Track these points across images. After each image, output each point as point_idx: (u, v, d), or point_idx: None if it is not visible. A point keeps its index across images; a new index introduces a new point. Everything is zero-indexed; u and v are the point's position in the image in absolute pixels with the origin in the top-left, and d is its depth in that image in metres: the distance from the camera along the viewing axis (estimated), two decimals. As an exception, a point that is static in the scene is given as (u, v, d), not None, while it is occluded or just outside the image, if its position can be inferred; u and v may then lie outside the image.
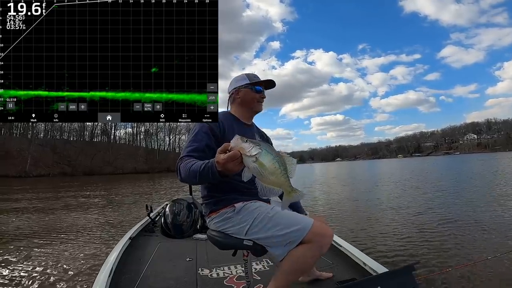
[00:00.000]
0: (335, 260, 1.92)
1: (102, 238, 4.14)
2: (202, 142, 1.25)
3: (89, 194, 10.70)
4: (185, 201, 3.03)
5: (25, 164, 38.43)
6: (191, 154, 1.20)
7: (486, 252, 3.02)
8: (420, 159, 72.08)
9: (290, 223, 1.16)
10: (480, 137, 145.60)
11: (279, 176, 0.92)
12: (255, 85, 1.44)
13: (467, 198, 6.73)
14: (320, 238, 1.16)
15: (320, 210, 6.26)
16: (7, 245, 3.84)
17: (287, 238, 1.15)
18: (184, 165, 1.13)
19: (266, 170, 0.90)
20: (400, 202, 6.75)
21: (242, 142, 0.91)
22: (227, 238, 1.25)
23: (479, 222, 4.34)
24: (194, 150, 1.22)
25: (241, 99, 1.44)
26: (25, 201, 9.56)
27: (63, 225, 5.24)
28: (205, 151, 1.23)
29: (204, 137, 1.26)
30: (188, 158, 1.17)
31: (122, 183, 19.73)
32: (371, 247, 3.40)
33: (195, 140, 1.25)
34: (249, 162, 0.90)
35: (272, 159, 0.91)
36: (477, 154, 73.75)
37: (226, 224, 1.26)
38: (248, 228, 1.21)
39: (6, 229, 4.97)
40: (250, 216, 1.22)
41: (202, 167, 1.03)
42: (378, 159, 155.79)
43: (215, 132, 1.28)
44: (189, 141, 1.28)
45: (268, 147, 0.92)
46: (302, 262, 1.16)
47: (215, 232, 1.29)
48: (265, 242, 1.19)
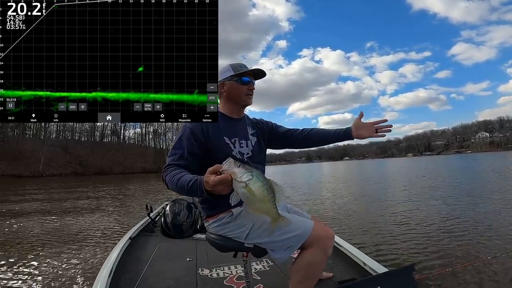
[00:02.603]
0: (335, 260, 1.92)
1: (102, 238, 4.15)
2: (184, 149, 1.19)
3: (96, 194, 10.76)
4: (185, 201, 3.03)
5: (39, 164, 39.35)
6: (175, 163, 1.15)
7: (486, 252, 2.99)
8: (431, 158, 70.82)
9: (290, 228, 1.13)
10: (492, 136, 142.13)
11: (266, 203, 0.93)
12: (240, 76, 1.29)
13: (467, 198, 6.64)
14: (323, 241, 1.16)
15: (320, 210, 6.22)
16: (9, 244, 3.89)
17: (287, 243, 1.14)
18: (170, 178, 1.08)
19: (255, 197, 0.90)
20: (400, 202, 6.69)
21: (234, 167, 0.90)
22: (227, 241, 1.24)
23: (479, 222, 4.31)
24: (178, 158, 1.17)
25: (227, 93, 1.32)
26: (34, 201, 9.72)
27: (64, 225, 5.25)
28: (188, 159, 1.18)
29: (185, 143, 1.20)
30: (172, 168, 1.13)
31: (131, 183, 19.95)
32: (371, 247, 3.39)
33: (178, 147, 1.20)
34: (238, 187, 0.90)
35: (262, 187, 0.91)
36: (490, 154, 71.95)
37: (225, 229, 1.24)
38: (248, 233, 1.19)
39: (9, 228, 5.04)
40: (249, 221, 1.20)
41: (190, 184, 0.99)
42: (387, 158, 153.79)
43: (197, 136, 1.22)
44: (172, 148, 1.22)
45: (259, 174, 0.92)
46: (312, 268, 1.16)
47: (214, 235, 1.28)
48: (265, 246, 1.19)
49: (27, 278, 2.65)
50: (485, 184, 9.20)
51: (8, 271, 2.84)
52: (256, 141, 1.38)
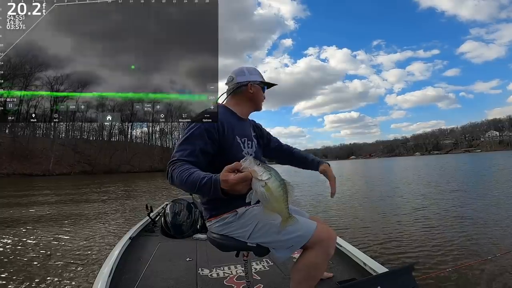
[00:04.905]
0: (335, 260, 1.92)
1: (102, 238, 4.16)
2: (196, 145, 1.14)
3: (103, 196, 10.71)
4: (185, 201, 3.02)
5: (49, 163, 40.10)
6: (185, 159, 1.10)
7: (486, 252, 2.98)
8: (440, 157, 69.84)
9: (293, 228, 1.12)
10: (502, 134, 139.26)
11: (281, 203, 0.92)
12: (266, 85, 1.43)
13: (467, 198, 6.58)
14: (325, 242, 1.17)
15: (321, 209, 6.19)
16: (9, 244, 3.89)
17: (290, 242, 1.15)
18: (179, 172, 1.03)
19: (272, 196, 0.89)
20: (400, 202, 6.66)
21: (254, 165, 0.89)
22: (230, 240, 1.23)
23: (478, 222, 4.29)
24: (188, 154, 1.12)
25: (254, 95, 1.37)
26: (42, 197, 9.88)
27: (64, 225, 5.26)
28: (199, 156, 1.14)
29: (198, 140, 1.15)
30: (181, 163, 1.07)
31: (138, 181, 20.14)
32: (371, 247, 3.39)
33: (189, 143, 1.15)
34: (258, 186, 0.88)
35: (279, 186, 0.90)
36: (500, 152, 70.43)
37: (228, 228, 1.24)
38: (251, 233, 1.19)
39: (8, 223, 5.09)
40: (253, 221, 1.20)
41: (204, 181, 0.94)
42: (394, 157, 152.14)
43: (212, 134, 1.18)
44: (181, 143, 1.15)
45: (276, 173, 0.91)
46: (313, 268, 1.17)
47: (216, 235, 1.27)
48: (268, 245, 1.19)
49: (27, 277, 2.66)
50: (486, 184, 9.08)
51: (8, 269, 2.87)
52: (256, 143, 1.42)
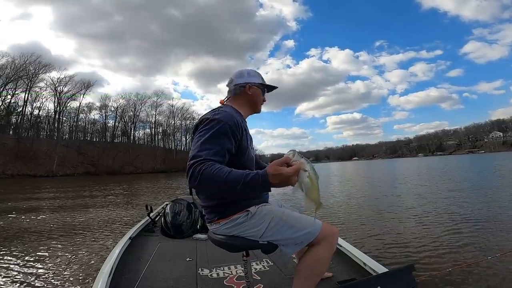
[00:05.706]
0: (335, 260, 1.90)
1: (102, 238, 4.15)
2: (223, 145, 1.10)
3: (106, 198, 10.29)
4: (185, 201, 3.02)
5: (52, 164, 40.32)
6: (213, 158, 1.02)
7: (486, 252, 3.00)
8: (443, 158, 69.21)
9: (302, 226, 1.22)
10: (505, 135, 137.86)
11: (317, 191, 0.97)
12: (266, 88, 1.42)
13: (468, 198, 6.60)
14: (330, 237, 1.25)
15: (321, 209, 6.27)
16: (9, 243, 3.91)
17: (300, 239, 1.22)
18: (216, 170, 0.95)
19: (314, 185, 0.95)
20: (400, 202, 6.67)
21: (299, 157, 0.93)
22: (240, 240, 1.23)
23: (479, 222, 4.30)
24: (214, 153, 1.05)
25: (253, 96, 1.37)
26: (44, 199, 9.81)
27: (65, 225, 5.27)
28: (225, 156, 1.10)
29: (224, 139, 1.12)
30: (212, 163, 0.99)
31: (141, 182, 19.95)
32: (371, 247, 3.40)
33: (214, 141, 1.09)
34: (304, 177, 0.92)
35: (315, 175, 0.96)
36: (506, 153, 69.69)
37: (239, 229, 1.23)
38: (264, 231, 1.21)
39: (10, 227, 5.09)
40: (265, 220, 1.22)
41: (249, 177, 0.92)
42: (397, 158, 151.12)
43: (235, 133, 1.16)
44: (205, 142, 1.09)
45: (312, 164, 0.96)
46: (320, 263, 1.24)
47: (223, 236, 1.25)
48: (278, 242, 1.24)
49: (27, 277, 2.66)
50: (486, 184, 9.07)
51: (10, 270, 2.87)
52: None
